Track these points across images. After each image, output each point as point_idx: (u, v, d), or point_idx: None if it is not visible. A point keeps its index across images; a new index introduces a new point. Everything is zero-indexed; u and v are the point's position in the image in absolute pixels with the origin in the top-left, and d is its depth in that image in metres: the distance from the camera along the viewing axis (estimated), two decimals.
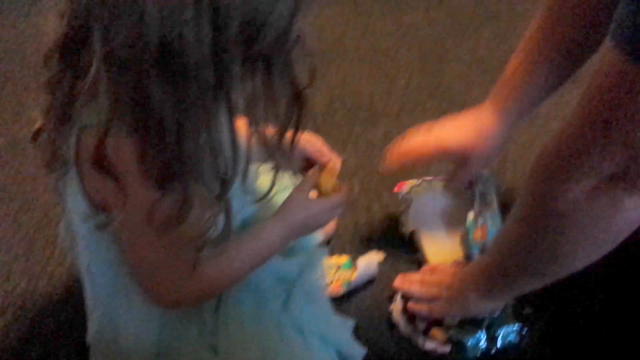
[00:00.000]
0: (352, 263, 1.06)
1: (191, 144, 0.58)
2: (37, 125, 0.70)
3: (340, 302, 1.00)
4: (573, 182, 0.65)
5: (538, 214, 0.72)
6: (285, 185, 0.85)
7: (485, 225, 1.03)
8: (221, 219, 0.65)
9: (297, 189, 0.82)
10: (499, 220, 1.05)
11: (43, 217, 1.18)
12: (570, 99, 0.78)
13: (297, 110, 0.65)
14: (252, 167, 0.69)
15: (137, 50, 0.52)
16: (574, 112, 0.65)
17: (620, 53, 0.57)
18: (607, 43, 0.59)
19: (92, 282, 0.76)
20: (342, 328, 0.87)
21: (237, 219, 0.74)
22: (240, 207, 0.74)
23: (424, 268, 1.04)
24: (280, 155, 0.68)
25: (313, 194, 0.85)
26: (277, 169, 0.70)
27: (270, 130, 0.66)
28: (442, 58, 1.65)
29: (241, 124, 0.65)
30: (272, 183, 0.71)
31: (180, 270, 0.69)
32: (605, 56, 0.60)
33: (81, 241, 0.73)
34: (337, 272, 1.04)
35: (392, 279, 1.05)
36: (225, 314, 0.77)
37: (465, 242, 1.04)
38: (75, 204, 0.68)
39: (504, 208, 1.05)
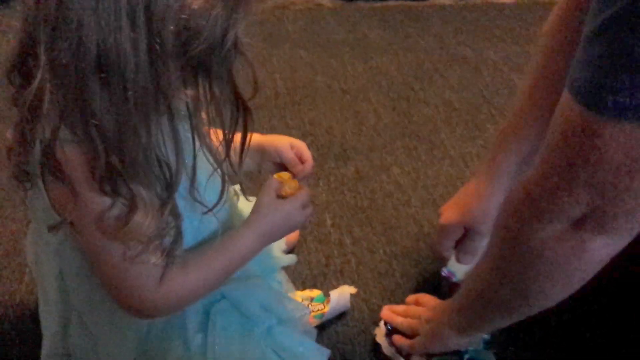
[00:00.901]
0: (325, 296, 1.07)
1: (132, 149, 0.59)
2: (9, 142, 0.71)
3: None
4: (542, 224, 0.66)
5: (508, 253, 0.73)
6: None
7: None
8: (171, 225, 0.66)
9: (263, 193, 0.82)
10: None
11: (11, 248, 1.16)
12: None
13: (241, 120, 0.67)
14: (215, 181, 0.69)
15: (77, 57, 0.55)
16: (539, 155, 0.67)
17: (575, 101, 0.59)
18: (564, 91, 0.61)
19: (64, 295, 0.75)
20: (319, 355, 0.88)
21: (198, 228, 0.74)
22: (197, 218, 0.74)
23: (409, 298, 1.05)
24: (228, 165, 0.69)
25: None
26: (224, 180, 0.70)
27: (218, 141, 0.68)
28: (410, 99, 1.71)
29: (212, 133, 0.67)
30: (220, 194, 0.71)
31: (146, 278, 0.69)
32: (563, 104, 0.62)
33: (53, 254, 0.73)
34: (311, 304, 1.05)
35: (363, 312, 1.07)
36: (213, 336, 0.77)
37: None
38: (45, 214, 0.69)
39: None
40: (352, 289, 1.09)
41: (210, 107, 0.63)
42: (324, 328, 1.04)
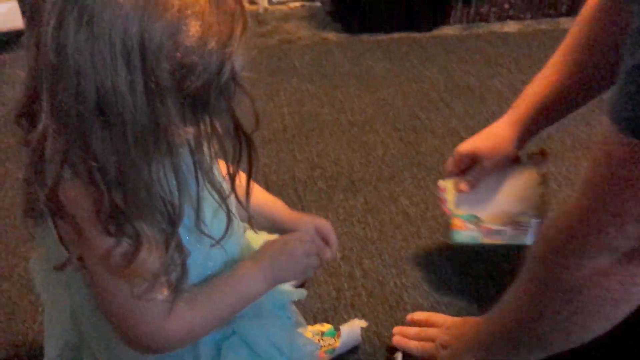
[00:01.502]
0: (335, 330, 1.07)
1: (135, 187, 0.60)
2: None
3: None
4: (587, 259, 0.64)
5: (548, 288, 0.71)
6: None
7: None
8: (176, 261, 0.66)
9: (276, 239, 0.84)
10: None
11: (24, 285, 1.17)
12: None
13: (245, 153, 0.67)
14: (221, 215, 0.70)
15: (77, 102, 0.56)
16: (581, 187, 0.65)
17: (621, 132, 0.57)
18: (606, 121, 0.60)
19: (77, 328, 0.76)
20: None
21: (204, 264, 0.74)
22: (202, 254, 0.74)
23: (417, 316, 1.05)
24: (232, 200, 0.69)
25: None
26: (229, 216, 0.70)
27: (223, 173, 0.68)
28: (417, 129, 1.72)
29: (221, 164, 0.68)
30: (225, 229, 0.71)
31: (154, 314, 0.69)
32: (605, 135, 0.60)
33: (64, 285, 0.74)
34: (321, 339, 1.05)
35: (375, 345, 1.06)
36: None
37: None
38: (56, 248, 0.70)
39: None
40: (362, 323, 1.09)
41: (212, 142, 0.64)
42: None
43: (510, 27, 2.41)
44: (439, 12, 2.40)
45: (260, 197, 0.90)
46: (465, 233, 1.16)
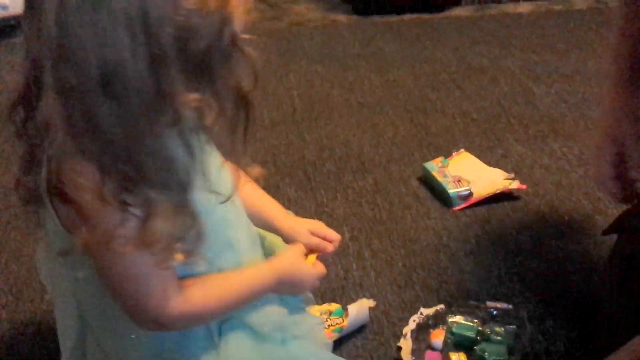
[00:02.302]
0: (344, 310, 1.06)
1: (142, 156, 0.60)
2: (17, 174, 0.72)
3: (333, 348, 1.00)
4: None
5: None
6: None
7: None
8: (190, 225, 0.66)
9: (295, 246, 0.86)
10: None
11: (32, 267, 1.18)
12: None
13: (243, 113, 0.67)
14: (215, 166, 0.70)
15: (81, 75, 0.56)
16: None
17: None
18: None
19: (80, 312, 0.76)
20: None
21: (211, 219, 0.73)
22: (211, 207, 0.73)
23: None
24: (235, 155, 0.70)
25: None
26: (234, 169, 0.71)
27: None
28: (427, 111, 1.70)
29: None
30: (232, 183, 0.72)
31: (164, 286, 0.69)
32: None
33: (67, 273, 0.74)
34: (329, 319, 1.04)
35: (383, 325, 1.06)
36: (226, 352, 0.77)
37: None
38: (55, 237, 0.70)
39: None
40: (371, 302, 1.08)
41: (214, 104, 0.63)
42: (343, 342, 1.03)
43: (524, 7, 2.37)
44: None
45: (259, 200, 0.91)
46: None
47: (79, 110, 0.58)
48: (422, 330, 1.02)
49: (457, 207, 1.32)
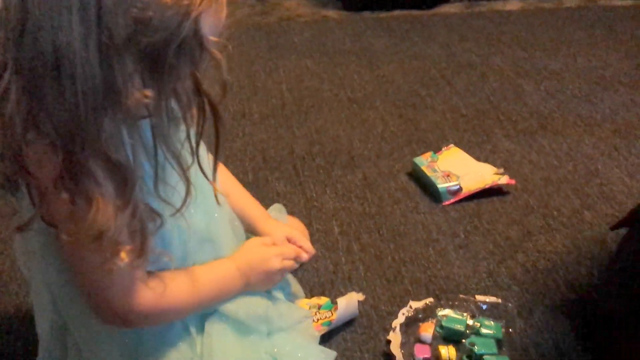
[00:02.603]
0: (333, 303, 1.06)
1: (85, 146, 0.59)
2: None
3: (322, 342, 0.99)
4: None
5: None
6: None
7: None
8: (134, 223, 0.65)
9: (253, 238, 0.88)
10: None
11: (16, 260, 1.16)
12: None
13: (207, 121, 0.66)
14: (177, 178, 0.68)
15: (35, 56, 0.56)
16: None
17: None
18: None
19: (53, 304, 0.75)
20: (324, 357, 0.87)
21: (188, 212, 0.72)
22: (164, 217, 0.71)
23: None
24: (191, 167, 0.68)
25: None
26: (188, 187, 0.68)
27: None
28: (417, 106, 1.70)
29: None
30: (185, 194, 0.69)
31: (123, 284, 0.68)
32: None
33: (38, 260, 0.73)
34: (318, 312, 1.04)
35: (372, 319, 1.05)
36: (209, 345, 0.76)
37: None
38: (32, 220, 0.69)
39: None
40: (360, 296, 1.07)
41: (171, 107, 0.62)
42: (332, 335, 1.02)
43: (513, 5, 2.38)
44: None
45: (241, 201, 0.93)
46: None
47: (31, 93, 0.58)
48: (412, 324, 1.02)
49: (447, 202, 1.32)
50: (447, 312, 1.03)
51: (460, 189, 1.33)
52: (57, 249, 0.70)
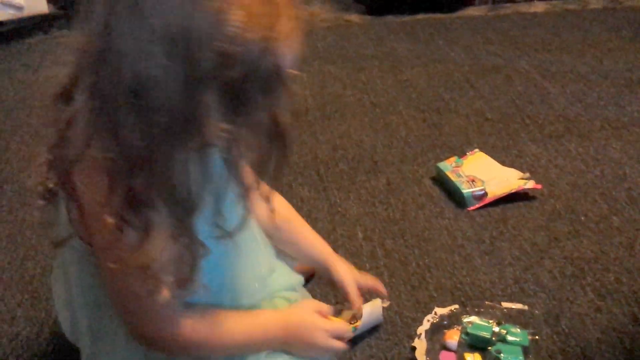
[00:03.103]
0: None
1: (156, 176, 0.59)
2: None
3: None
4: None
5: None
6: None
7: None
8: (185, 254, 0.65)
9: (310, 300, 0.86)
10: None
11: (47, 264, 1.18)
12: None
13: (278, 150, 0.65)
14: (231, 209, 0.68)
15: (113, 83, 0.56)
16: None
17: None
18: None
19: (73, 315, 0.77)
20: None
21: (210, 258, 0.71)
22: (219, 251, 0.72)
23: None
24: (253, 194, 0.68)
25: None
26: (247, 209, 0.68)
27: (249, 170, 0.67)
28: (441, 110, 1.69)
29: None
30: (241, 222, 0.69)
31: (160, 309, 0.68)
32: None
33: (70, 270, 0.75)
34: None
35: (396, 325, 1.05)
36: None
37: None
38: (65, 231, 0.71)
39: None
40: (384, 302, 1.07)
41: (248, 135, 0.61)
42: (357, 342, 1.02)
43: (538, 7, 2.36)
44: None
45: (308, 235, 0.96)
46: None
47: (104, 117, 0.58)
48: (437, 331, 1.02)
49: (472, 207, 1.32)
50: (473, 318, 1.03)
51: (486, 194, 1.32)
52: (93, 265, 0.71)
